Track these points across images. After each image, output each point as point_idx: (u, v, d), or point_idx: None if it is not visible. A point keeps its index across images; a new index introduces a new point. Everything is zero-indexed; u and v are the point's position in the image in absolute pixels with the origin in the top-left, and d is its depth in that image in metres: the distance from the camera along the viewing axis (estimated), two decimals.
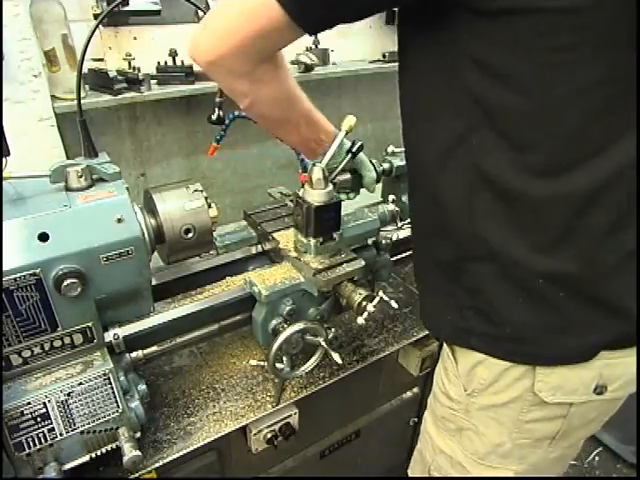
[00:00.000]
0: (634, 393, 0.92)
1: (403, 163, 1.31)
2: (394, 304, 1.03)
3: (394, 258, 1.33)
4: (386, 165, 1.32)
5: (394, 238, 1.25)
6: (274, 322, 1.02)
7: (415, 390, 1.55)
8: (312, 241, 1.00)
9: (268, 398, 1.10)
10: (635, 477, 2.10)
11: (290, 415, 1.11)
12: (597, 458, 2.16)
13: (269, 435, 1.09)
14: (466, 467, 0.96)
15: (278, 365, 1.00)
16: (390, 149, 1.34)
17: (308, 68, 1.67)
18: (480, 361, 0.86)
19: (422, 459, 1.08)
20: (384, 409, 1.49)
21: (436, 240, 0.84)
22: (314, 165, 0.97)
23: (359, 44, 1.90)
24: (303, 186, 1.01)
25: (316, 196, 0.97)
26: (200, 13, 1.43)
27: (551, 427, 0.87)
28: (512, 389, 0.84)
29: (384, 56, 1.88)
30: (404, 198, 1.35)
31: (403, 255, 1.38)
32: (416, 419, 1.63)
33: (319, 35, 1.74)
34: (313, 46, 1.73)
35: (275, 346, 0.94)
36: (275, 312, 1.02)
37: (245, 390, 1.12)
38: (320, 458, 1.41)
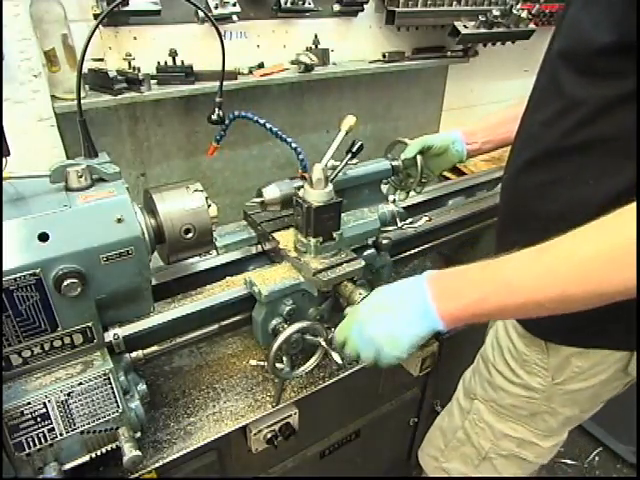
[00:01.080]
0: (634, 393, 0.97)
1: (346, 177, 1.13)
2: None
3: (394, 258, 1.33)
4: None
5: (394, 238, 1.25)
6: (274, 322, 1.02)
7: (415, 390, 1.55)
8: (312, 241, 1.00)
9: (268, 398, 1.10)
10: (635, 477, 2.10)
11: (290, 415, 1.11)
12: (597, 458, 2.16)
13: (269, 435, 1.09)
14: (537, 442, 1.06)
15: (278, 365, 1.00)
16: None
17: (308, 68, 1.66)
18: (578, 352, 0.91)
19: (471, 445, 1.15)
20: (384, 409, 1.49)
21: None
22: (314, 165, 0.97)
23: (359, 44, 1.89)
24: (302, 186, 1.01)
25: (316, 196, 0.97)
26: (200, 13, 1.43)
27: (615, 392, 0.99)
28: (605, 372, 0.92)
29: (384, 56, 1.88)
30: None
31: (403, 255, 1.38)
32: (416, 419, 1.63)
33: (319, 35, 1.74)
34: (313, 46, 1.73)
35: (275, 346, 0.94)
36: (275, 312, 1.02)
37: (245, 390, 1.12)
38: (320, 458, 1.41)
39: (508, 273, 0.69)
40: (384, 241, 1.19)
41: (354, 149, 1.07)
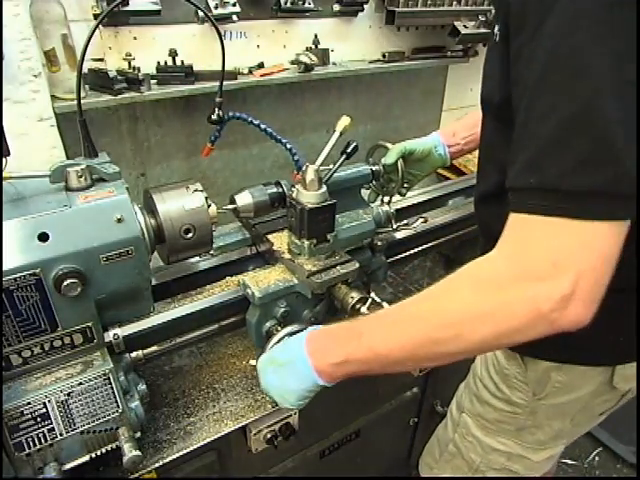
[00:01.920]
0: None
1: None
2: (386, 306, 1.03)
3: (394, 259, 1.33)
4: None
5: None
6: (268, 324, 1.02)
7: (415, 390, 1.55)
8: (306, 243, 0.99)
9: (268, 398, 1.10)
10: (635, 477, 2.10)
11: (290, 415, 1.11)
12: (597, 458, 2.16)
13: (269, 435, 1.09)
14: (526, 456, 1.03)
15: None
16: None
17: (308, 68, 1.66)
18: (556, 367, 0.89)
19: (462, 458, 1.12)
20: (384, 409, 1.49)
21: None
22: (308, 166, 0.96)
23: (359, 44, 1.89)
24: (293, 186, 1.01)
25: (310, 197, 0.96)
26: (200, 13, 1.43)
27: (608, 404, 0.97)
28: (589, 385, 0.90)
29: (384, 56, 1.88)
30: None
31: (403, 255, 1.38)
32: (416, 419, 1.63)
33: (319, 35, 1.74)
34: (313, 46, 1.73)
35: (267, 348, 0.94)
36: (269, 314, 1.02)
37: (245, 390, 1.12)
38: (320, 458, 1.41)
39: (366, 333, 0.73)
40: (379, 242, 1.18)
41: (349, 150, 1.07)
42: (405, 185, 1.27)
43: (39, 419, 0.81)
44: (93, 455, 0.87)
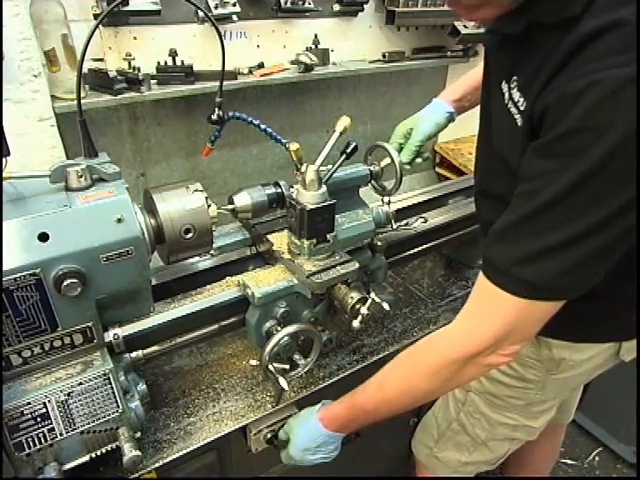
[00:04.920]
0: (634, 394, 0.97)
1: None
2: (386, 306, 1.03)
3: (394, 258, 1.33)
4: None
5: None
6: (267, 325, 1.02)
7: None
8: (305, 243, 0.99)
9: (268, 398, 1.10)
10: (635, 477, 2.10)
11: (290, 415, 1.11)
12: (597, 458, 2.15)
13: (269, 435, 1.09)
14: (529, 424, 1.11)
15: (276, 366, 1.00)
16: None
17: (308, 68, 1.66)
18: (569, 345, 0.94)
19: (466, 434, 1.18)
20: None
21: None
22: (308, 166, 0.96)
23: (359, 44, 1.90)
24: (291, 187, 1.01)
25: (309, 198, 0.96)
26: (200, 13, 1.43)
27: (606, 369, 1.06)
28: (598, 358, 0.97)
29: (384, 56, 1.88)
30: None
31: (403, 255, 1.38)
32: (416, 419, 1.63)
33: (319, 35, 1.74)
34: (313, 46, 1.73)
35: (267, 349, 0.94)
36: (269, 314, 1.02)
37: (245, 390, 1.12)
38: None
39: (368, 410, 0.92)
40: (379, 243, 1.18)
41: (348, 150, 1.07)
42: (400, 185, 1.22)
43: (39, 419, 0.81)
44: (93, 455, 0.87)
